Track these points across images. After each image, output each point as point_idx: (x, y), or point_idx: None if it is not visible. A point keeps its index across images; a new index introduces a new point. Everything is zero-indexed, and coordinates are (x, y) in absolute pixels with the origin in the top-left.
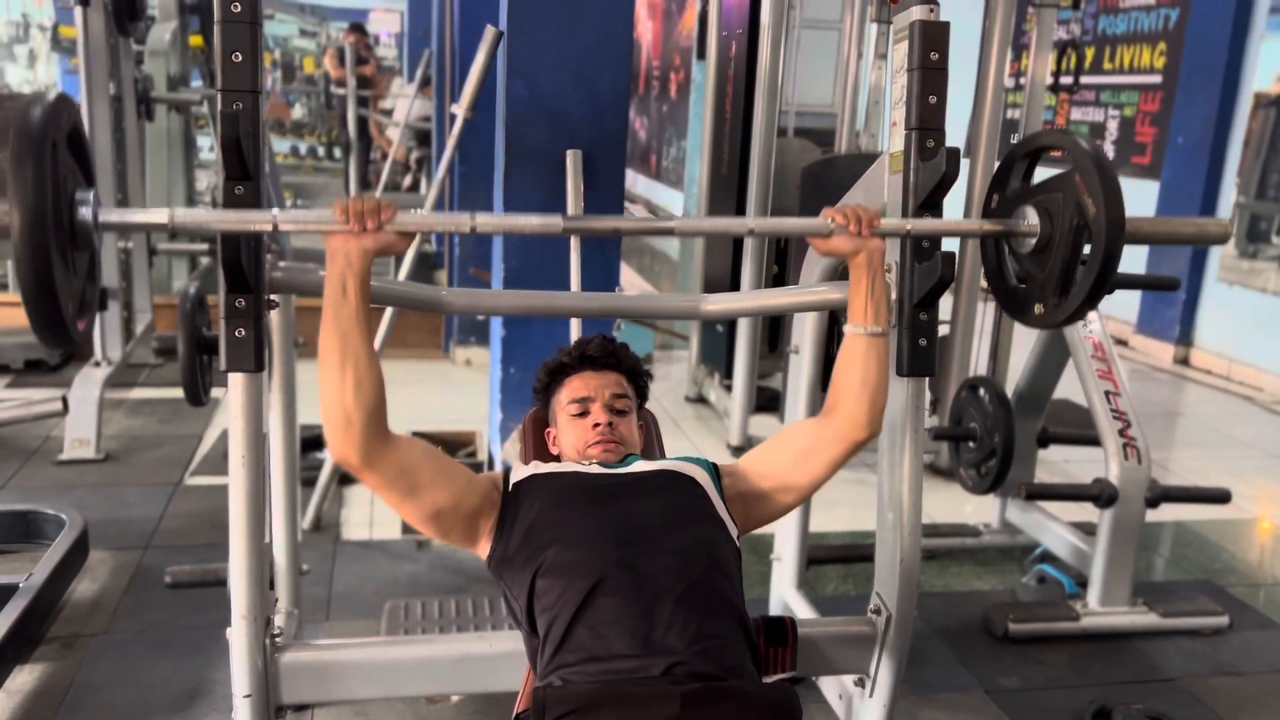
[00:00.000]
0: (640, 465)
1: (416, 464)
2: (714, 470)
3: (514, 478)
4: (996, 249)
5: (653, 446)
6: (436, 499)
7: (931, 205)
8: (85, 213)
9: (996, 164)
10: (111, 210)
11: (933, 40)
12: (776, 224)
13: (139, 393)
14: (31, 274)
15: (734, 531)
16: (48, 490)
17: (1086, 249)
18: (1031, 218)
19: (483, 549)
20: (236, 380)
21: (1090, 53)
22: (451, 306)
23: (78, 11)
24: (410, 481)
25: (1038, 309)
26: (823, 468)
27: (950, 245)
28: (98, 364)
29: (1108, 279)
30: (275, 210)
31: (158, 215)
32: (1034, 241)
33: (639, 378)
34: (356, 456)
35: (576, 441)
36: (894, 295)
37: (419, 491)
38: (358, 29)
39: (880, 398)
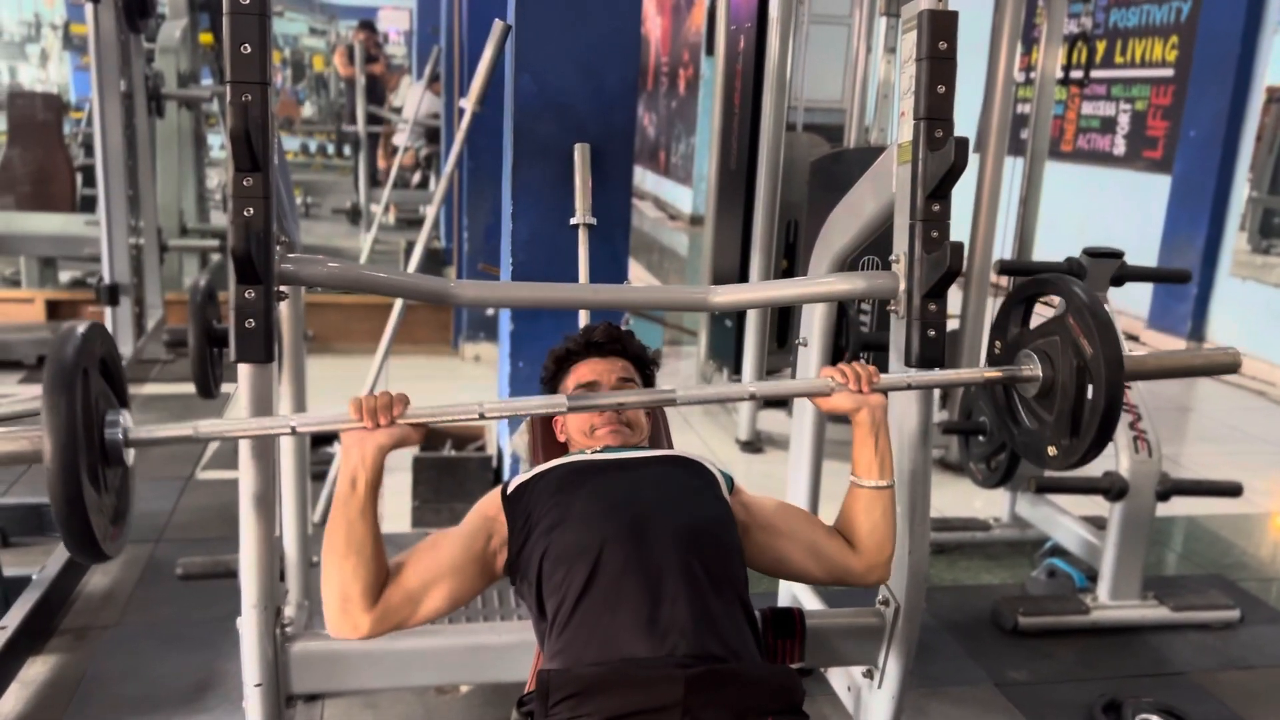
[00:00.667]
0: (644, 450)
1: (415, 590)
2: (729, 480)
3: (513, 484)
4: (1006, 395)
5: (660, 436)
6: (447, 594)
7: (940, 195)
8: (115, 433)
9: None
10: (140, 428)
11: (941, 29)
12: (776, 387)
13: (151, 388)
14: (63, 497)
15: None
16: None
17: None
18: (1033, 363)
19: (501, 567)
20: (246, 372)
21: (1101, 46)
22: (459, 298)
23: (88, 9)
24: (430, 606)
25: (1051, 451)
26: (814, 575)
27: (961, 229)
28: None
29: (1114, 418)
30: (295, 415)
31: (183, 429)
32: (1038, 385)
33: (645, 365)
34: (354, 633)
35: (584, 424)
36: (902, 286)
37: (443, 599)
38: (367, 27)
39: (888, 547)
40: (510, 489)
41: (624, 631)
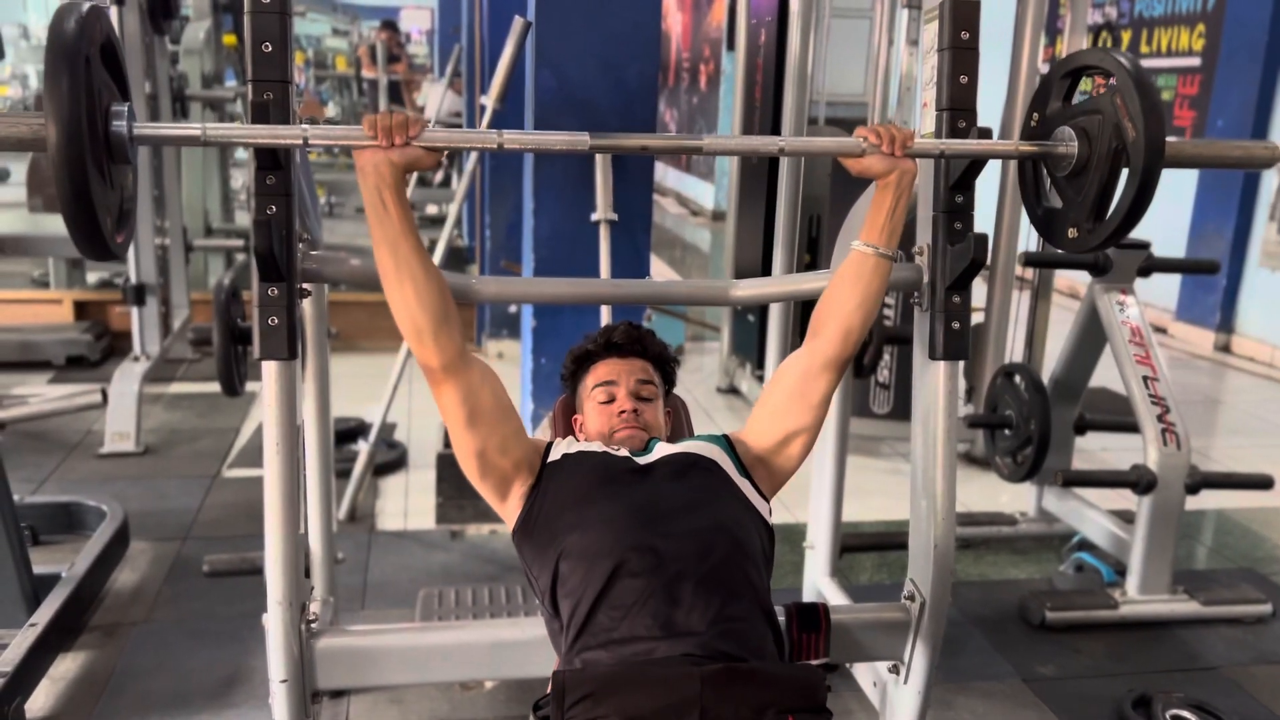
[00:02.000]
0: (661, 450)
1: (485, 391)
2: (727, 443)
3: (552, 454)
4: (1034, 171)
5: (682, 432)
6: (490, 435)
7: (963, 187)
8: (120, 126)
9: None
10: (146, 124)
11: (963, 19)
12: (807, 143)
13: (177, 387)
14: (69, 187)
15: (763, 507)
16: (89, 482)
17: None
18: (1069, 139)
19: (510, 510)
20: (270, 369)
21: (1126, 36)
22: (481, 295)
23: (113, 11)
24: (474, 405)
25: (1071, 233)
26: (818, 402)
27: (985, 222)
28: (137, 359)
29: (1144, 204)
30: (306, 125)
31: (191, 129)
32: (1071, 164)
33: (665, 364)
34: (436, 361)
35: (602, 426)
36: (926, 279)
37: (478, 420)
38: (390, 26)
39: (870, 318)
40: (550, 456)
41: (641, 634)
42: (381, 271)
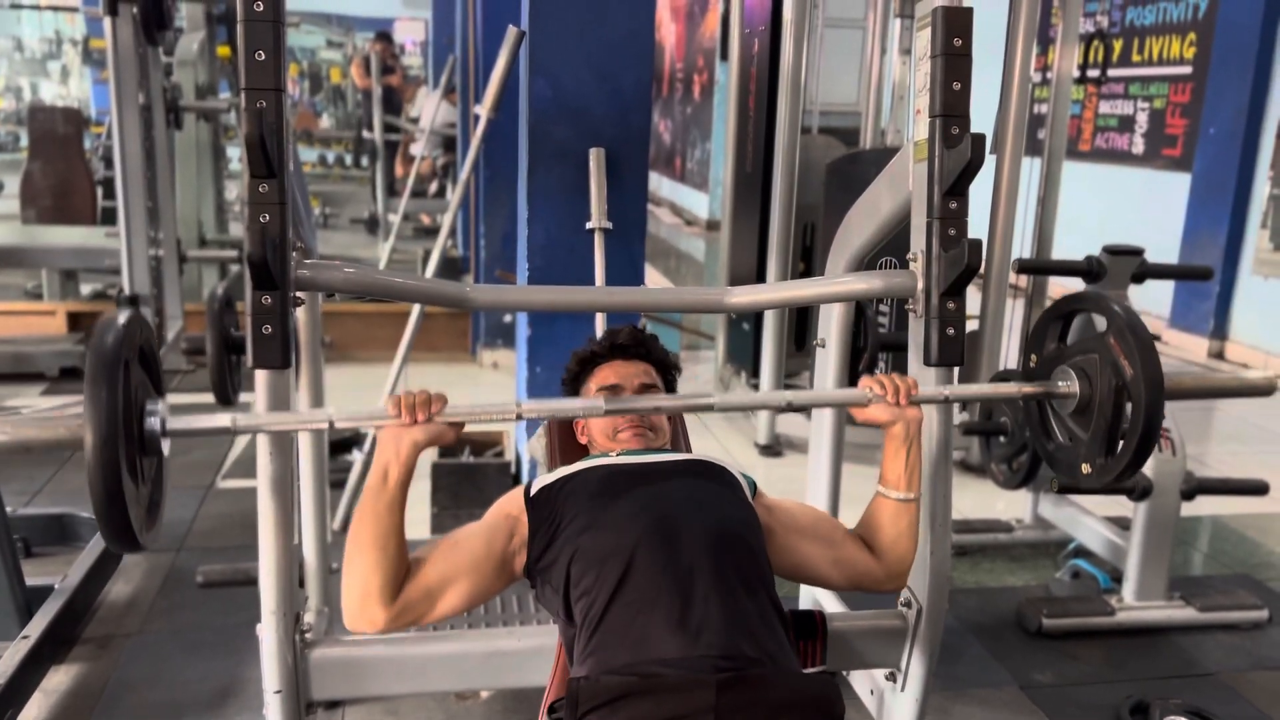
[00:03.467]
0: (667, 455)
1: (434, 587)
2: (751, 484)
3: (536, 486)
4: (1040, 409)
5: (679, 440)
6: (465, 592)
7: (957, 192)
8: (154, 423)
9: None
10: (177, 419)
11: (956, 26)
12: (814, 396)
13: (171, 398)
14: (103, 488)
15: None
16: (82, 494)
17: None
18: (1070, 380)
19: (520, 566)
20: (263, 377)
21: (1118, 45)
22: (476, 303)
23: (106, 22)
24: (448, 604)
25: (1085, 469)
26: (833, 581)
27: (979, 229)
28: None
29: (1152, 439)
30: (330, 409)
31: (220, 421)
32: (1075, 402)
33: (668, 370)
34: (371, 627)
35: (606, 427)
36: (920, 285)
37: (448, 596)
38: (384, 38)
39: (910, 558)
40: (534, 491)
41: (656, 632)
42: (353, 533)
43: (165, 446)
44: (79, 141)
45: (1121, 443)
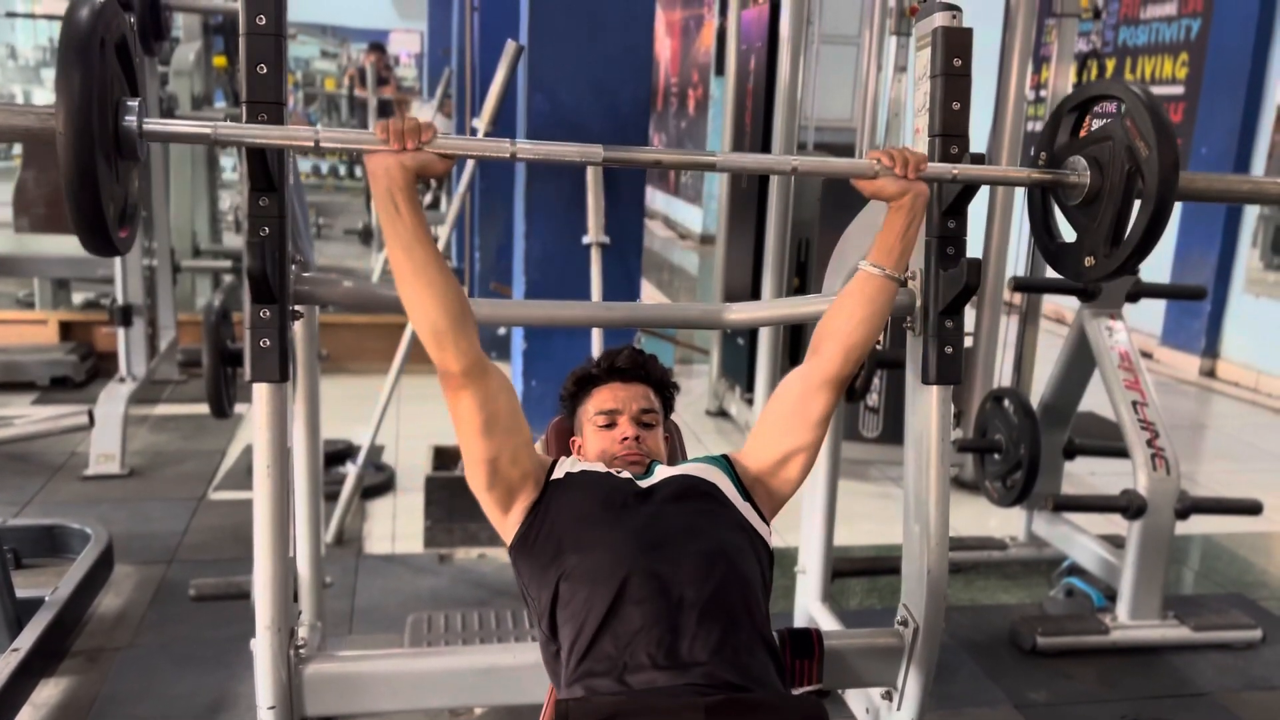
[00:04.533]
0: (662, 473)
1: (503, 399)
2: (728, 464)
3: (556, 471)
4: (1044, 202)
5: (676, 457)
6: (504, 444)
7: (955, 212)
8: (130, 121)
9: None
10: (155, 120)
11: (956, 46)
12: (820, 164)
13: (163, 409)
14: (77, 178)
15: (763, 530)
16: (73, 505)
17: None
18: (1082, 169)
19: (510, 524)
20: (261, 391)
21: (1111, 64)
22: (475, 317)
23: None
24: (492, 412)
25: (1088, 261)
26: (818, 420)
27: (974, 247)
28: (122, 380)
29: (1162, 224)
30: (319, 127)
31: (201, 127)
32: (1084, 192)
33: (666, 390)
34: (456, 365)
35: (603, 452)
36: (919, 303)
37: (494, 428)
38: (378, 49)
39: (873, 338)
40: (554, 474)
41: (644, 661)
42: (397, 274)
43: (143, 150)
44: None
45: (1128, 232)
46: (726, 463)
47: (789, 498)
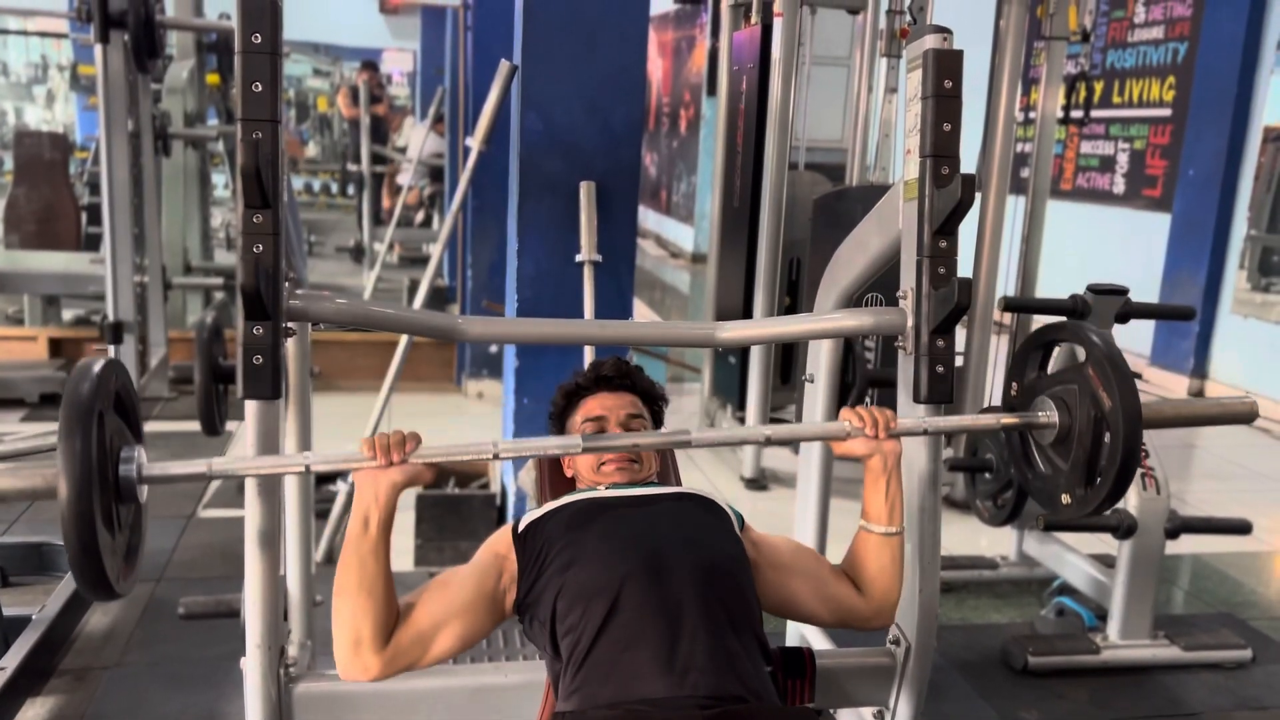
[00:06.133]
0: (656, 488)
1: (426, 631)
2: (739, 517)
3: (524, 522)
4: (1021, 440)
5: (669, 474)
6: (458, 634)
7: (947, 232)
8: (130, 471)
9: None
10: (154, 465)
11: (946, 69)
12: (792, 430)
13: (153, 426)
14: (78, 539)
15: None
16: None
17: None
18: (1050, 410)
19: (510, 604)
20: (253, 408)
21: (1099, 86)
22: (467, 335)
23: (98, 50)
24: (427, 644)
25: (1065, 499)
26: (820, 617)
27: (964, 267)
28: None
29: (1131, 470)
30: (308, 454)
31: (197, 467)
32: (1054, 432)
33: (654, 400)
34: (365, 675)
35: (593, 460)
36: (910, 323)
37: (441, 640)
38: (370, 67)
39: (895, 592)
40: (521, 527)
41: (642, 670)
42: (339, 580)
43: (142, 493)
44: (64, 167)
45: (1101, 474)
46: (738, 517)
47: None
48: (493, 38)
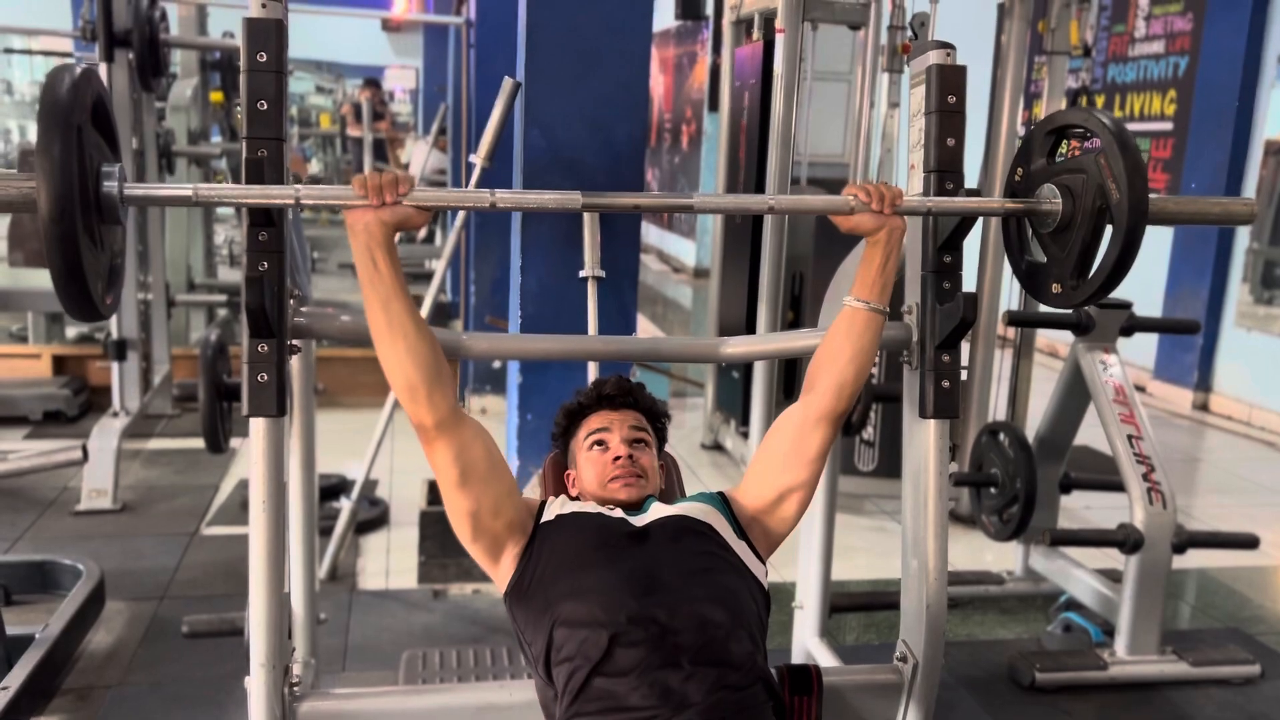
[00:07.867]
0: (657, 511)
1: (478, 449)
2: (724, 502)
3: (545, 513)
4: (1019, 227)
5: (673, 491)
6: (483, 495)
7: (951, 247)
8: (111, 187)
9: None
10: (136, 185)
11: (950, 84)
12: (797, 201)
13: (156, 443)
14: (60, 252)
15: (759, 570)
16: (64, 540)
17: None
18: (1053, 197)
19: (502, 573)
20: (258, 425)
21: (1100, 100)
22: (472, 351)
23: (102, 68)
24: (467, 464)
25: (1055, 288)
26: (814, 456)
27: (968, 281)
28: (116, 414)
29: (1128, 264)
30: (299, 186)
31: (182, 190)
32: (1056, 220)
33: (657, 418)
34: (429, 419)
35: (597, 476)
36: (915, 338)
37: (470, 479)
38: (373, 84)
39: (865, 372)
40: (543, 516)
41: (638, 704)
42: (373, 329)
43: (124, 214)
44: None
45: (1096, 266)
46: (723, 500)
47: (785, 536)
48: (495, 55)
